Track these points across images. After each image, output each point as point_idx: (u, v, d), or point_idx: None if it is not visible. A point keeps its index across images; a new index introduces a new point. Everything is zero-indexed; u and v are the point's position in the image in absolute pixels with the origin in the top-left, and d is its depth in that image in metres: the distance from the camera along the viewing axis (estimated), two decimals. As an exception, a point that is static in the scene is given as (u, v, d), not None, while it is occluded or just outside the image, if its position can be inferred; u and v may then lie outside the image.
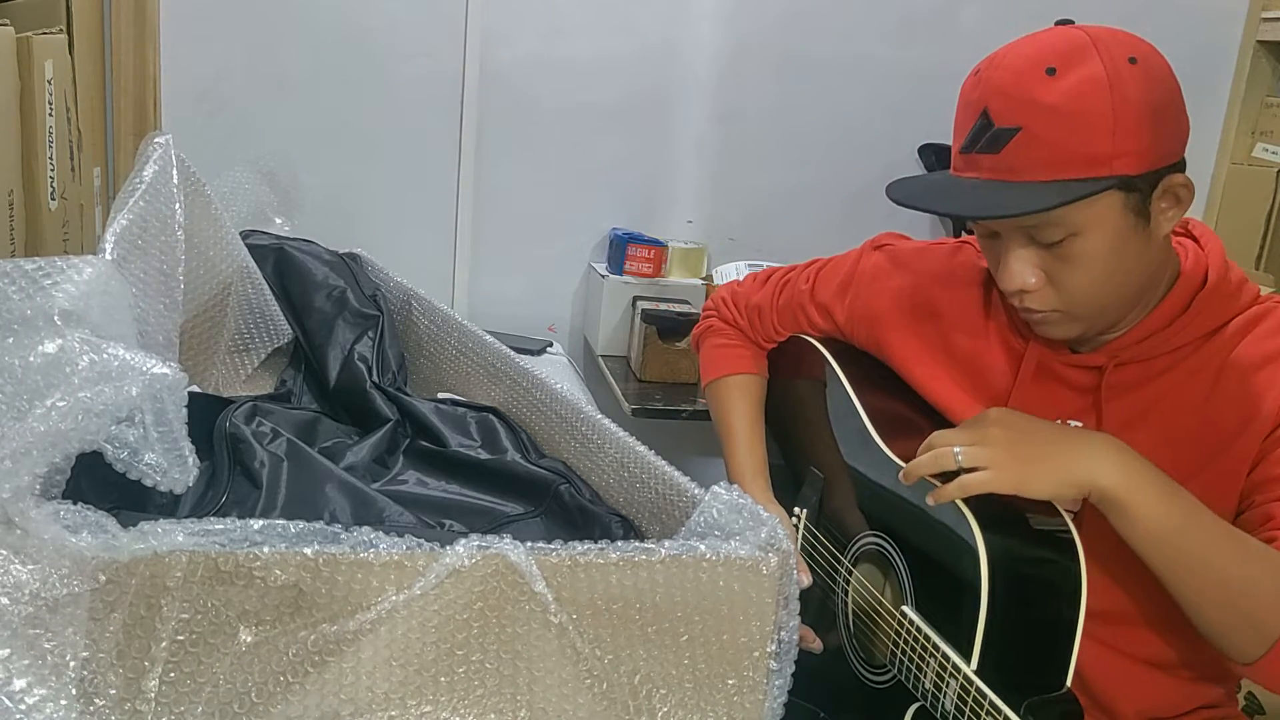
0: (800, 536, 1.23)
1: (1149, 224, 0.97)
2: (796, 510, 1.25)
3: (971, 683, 0.88)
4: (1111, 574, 1.00)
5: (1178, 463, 0.96)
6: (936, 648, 0.93)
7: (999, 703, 0.85)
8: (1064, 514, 0.96)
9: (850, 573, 1.13)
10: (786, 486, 1.28)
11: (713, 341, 1.39)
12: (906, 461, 1.04)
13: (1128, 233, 0.96)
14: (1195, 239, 1.07)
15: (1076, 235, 0.95)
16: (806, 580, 1.09)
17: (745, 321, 1.37)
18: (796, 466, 1.27)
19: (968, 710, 0.88)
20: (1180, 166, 0.97)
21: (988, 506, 0.94)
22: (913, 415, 1.16)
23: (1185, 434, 1.00)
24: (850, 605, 1.12)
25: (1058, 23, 0.99)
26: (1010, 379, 1.10)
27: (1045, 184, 0.93)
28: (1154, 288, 1.03)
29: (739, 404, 1.33)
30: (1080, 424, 1.05)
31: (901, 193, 1.03)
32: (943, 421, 1.13)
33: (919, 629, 0.96)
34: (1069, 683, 0.91)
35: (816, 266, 1.33)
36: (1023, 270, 0.99)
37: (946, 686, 0.91)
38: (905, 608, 0.99)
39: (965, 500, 0.95)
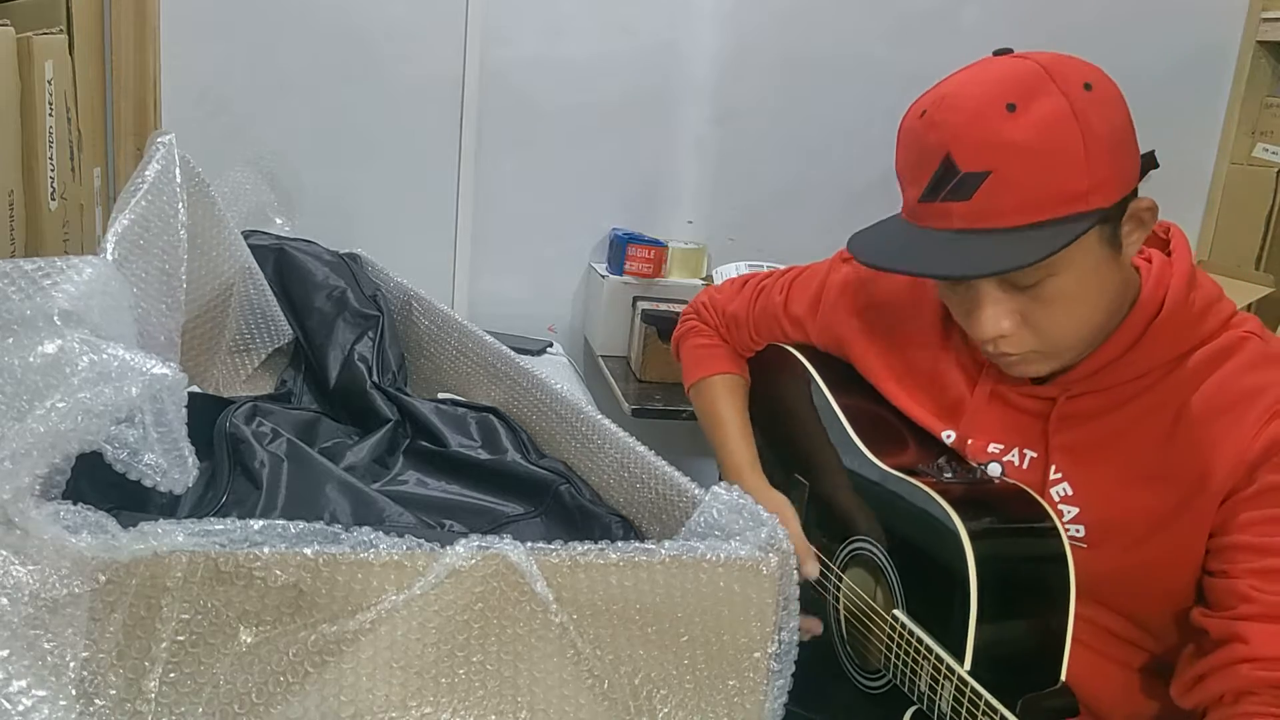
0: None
1: (1120, 253, 0.94)
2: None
3: (966, 683, 0.88)
4: (1107, 586, 0.99)
5: (1140, 506, 0.95)
6: (930, 650, 0.93)
7: (994, 702, 0.85)
8: (1048, 509, 0.96)
9: (840, 578, 1.13)
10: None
11: (694, 342, 1.39)
12: (892, 467, 1.03)
13: (1102, 265, 0.93)
14: (1168, 252, 1.02)
15: (1054, 275, 0.91)
16: (813, 570, 1.07)
17: (724, 329, 1.37)
18: (778, 475, 1.26)
19: (964, 711, 0.88)
20: (1137, 190, 0.94)
21: (972, 506, 0.95)
22: (894, 420, 1.15)
23: (1147, 472, 0.96)
24: (842, 611, 1.12)
25: (996, 52, 0.95)
26: (967, 399, 1.08)
27: (1024, 229, 0.88)
28: (1117, 314, 0.98)
29: (726, 400, 1.32)
30: (1035, 454, 1.03)
31: (872, 254, 0.97)
32: (922, 430, 1.12)
33: (911, 632, 0.96)
34: (1063, 677, 0.91)
35: (791, 276, 1.31)
36: (998, 317, 0.95)
37: (941, 688, 0.91)
38: (896, 611, 0.99)
39: (949, 500, 0.95)
